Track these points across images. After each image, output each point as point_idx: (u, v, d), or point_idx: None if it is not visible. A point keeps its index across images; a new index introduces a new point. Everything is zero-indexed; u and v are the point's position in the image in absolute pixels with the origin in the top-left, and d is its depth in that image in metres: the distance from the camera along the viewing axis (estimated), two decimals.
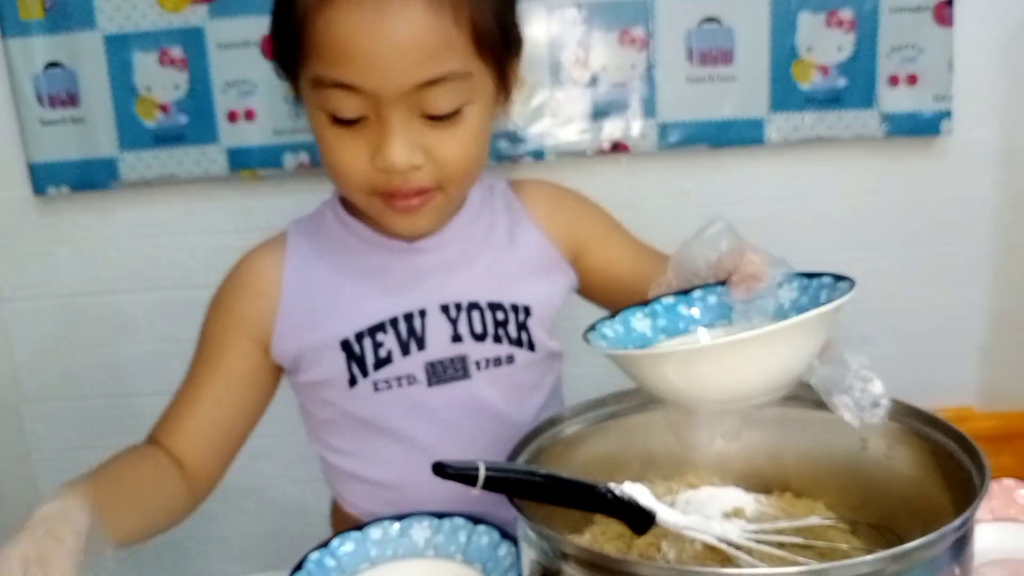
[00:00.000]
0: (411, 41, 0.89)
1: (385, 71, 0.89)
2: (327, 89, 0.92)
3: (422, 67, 0.90)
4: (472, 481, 0.68)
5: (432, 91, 0.91)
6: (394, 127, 0.92)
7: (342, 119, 0.93)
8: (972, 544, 0.69)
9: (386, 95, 0.90)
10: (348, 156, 0.95)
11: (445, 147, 0.95)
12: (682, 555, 0.77)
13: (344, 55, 0.90)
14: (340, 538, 0.96)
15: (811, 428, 0.90)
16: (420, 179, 0.96)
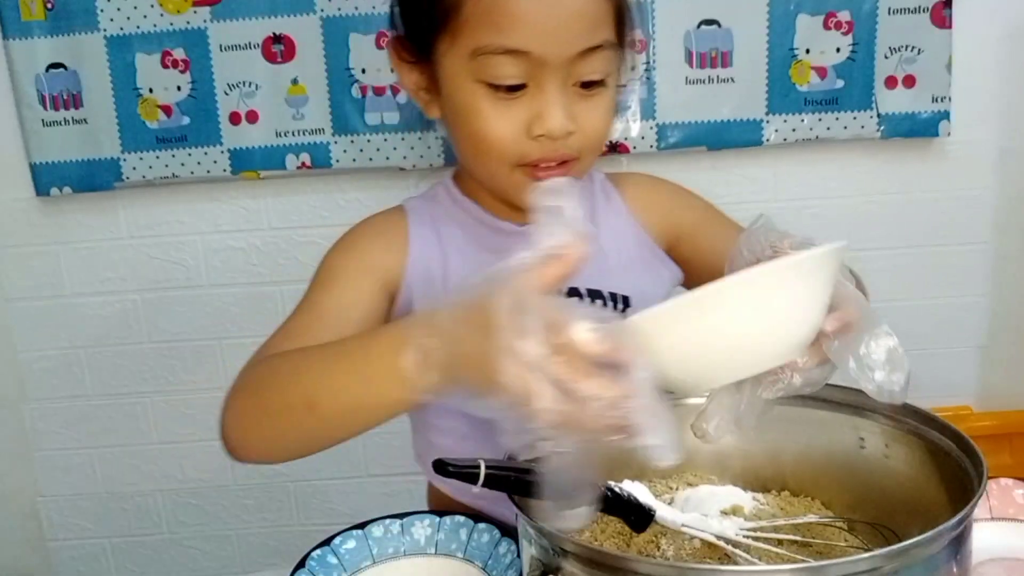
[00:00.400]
0: (579, 9, 0.94)
1: (556, 37, 0.93)
2: (492, 57, 0.94)
3: (586, 35, 0.95)
4: (473, 479, 0.69)
5: (589, 59, 0.96)
6: (554, 94, 0.96)
7: (502, 87, 0.96)
8: (970, 543, 0.69)
9: (552, 61, 0.94)
10: (502, 125, 0.97)
11: (590, 115, 0.99)
12: (680, 552, 0.78)
13: (518, 21, 0.93)
14: (342, 536, 0.97)
15: (809, 427, 0.90)
16: (568, 147, 0.99)
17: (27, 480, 2.22)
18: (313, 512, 2.24)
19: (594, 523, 0.88)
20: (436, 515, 0.99)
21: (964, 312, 2.10)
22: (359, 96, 1.93)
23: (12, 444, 2.19)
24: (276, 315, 2.10)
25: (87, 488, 2.22)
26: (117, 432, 2.18)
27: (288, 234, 2.06)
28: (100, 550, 2.27)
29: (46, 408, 2.17)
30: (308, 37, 1.90)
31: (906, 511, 0.82)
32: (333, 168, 1.97)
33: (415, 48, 1.04)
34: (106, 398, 2.16)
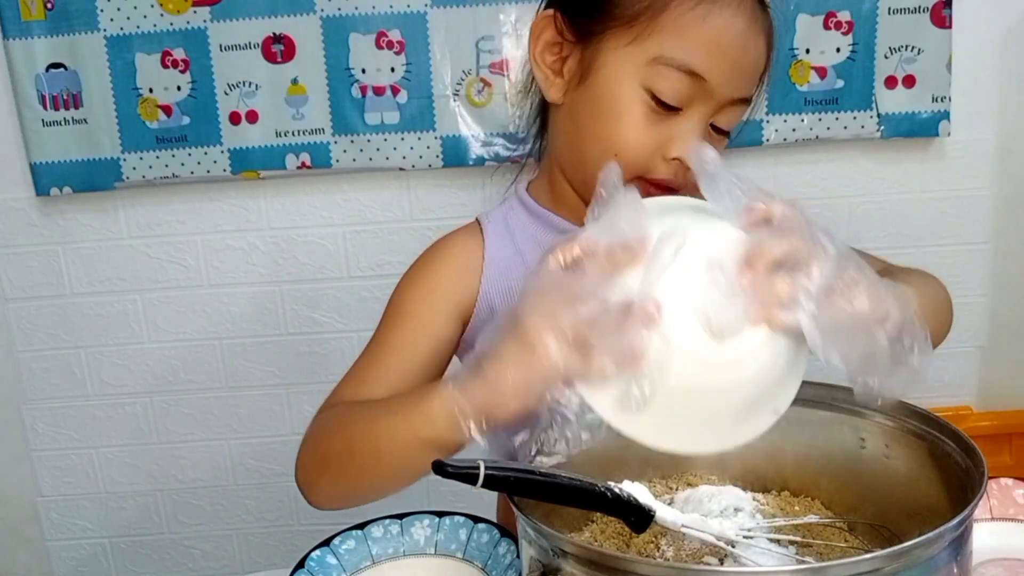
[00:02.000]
0: (755, 59, 0.98)
1: (732, 75, 0.96)
2: (671, 71, 0.95)
3: (749, 84, 0.99)
4: (472, 480, 0.68)
5: (736, 107, 0.99)
6: (698, 128, 0.97)
7: (664, 102, 0.96)
8: (970, 543, 0.69)
9: (717, 97, 0.96)
10: (646, 136, 0.98)
11: None
12: (680, 553, 0.78)
13: (712, 47, 0.94)
14: (341, 536, 0.97)
15: (809, 427, 0.90)
16: (682, 178, 0.99)
17: (27, 480, 2.22)
18: (313, 512, 2.23)
19: (593, 523, 0.88)
20: (435, 515, 0.99)
21: (964, 312, 2.09)
22: (359, 96, 1.93)
23: (12, 444, 2.19)
24: (276, 315, 2.12)
25: (87, 488, 2.22)
26: (117, 432, 2.18)
27: (288, 234, 2.06)
28: (100, 550, 2.27)
29: (46, 408, 2.17)
30: (308, 37, 1.90)
31: (906, 511, 0.82)
32: (333, 168, 1.97)
33: (572, 28, 1.03)
34: (106, 398, 2.16)
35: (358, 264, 2.07)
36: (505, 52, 1.91)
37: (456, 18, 1.89)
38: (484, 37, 1.91)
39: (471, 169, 1.98)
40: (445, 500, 2.08)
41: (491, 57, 1.92)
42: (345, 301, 2.09)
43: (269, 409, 2.15)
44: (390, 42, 1.91)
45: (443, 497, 2.10)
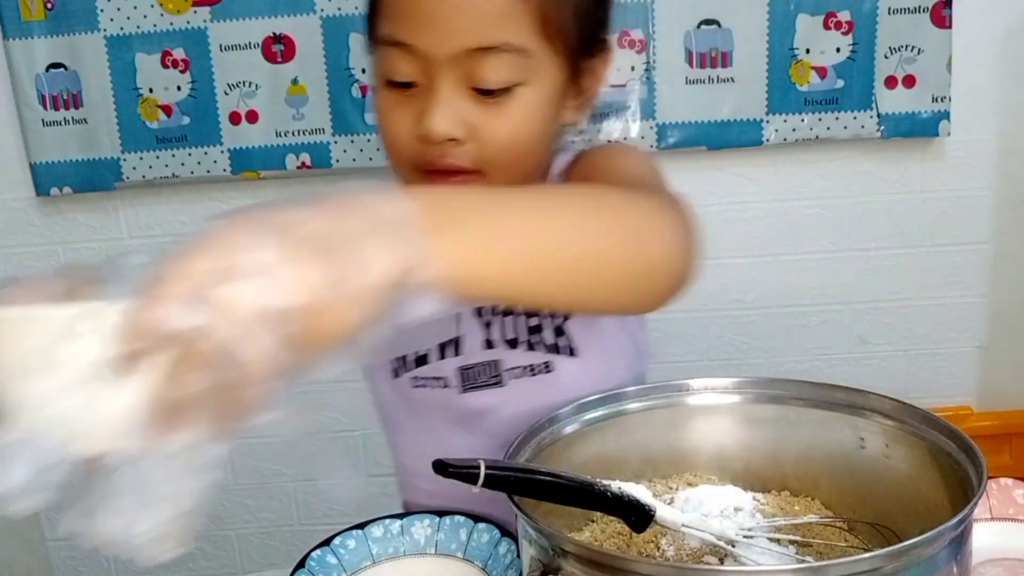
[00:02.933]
0: (469, 4, 0.87)
1: (439, 31, 0.87)
2: (386, 50, 0.90)
3: (476, 32, 0.87)
4: (473, 479, 0.68)
5: (484, 60, 0.87)
6: (439, 94, 0.88)
7: (396, 82, 0.91)
8: (970, 543, 0.69)
9: (437, 57, 0.87)
10: (395, 122, 0.92)
11: (491, 126, 0.90)
12: (681, 552, 0.78)
13: (402, 11, 0.88)
14: (342, 536, 0.97)
15: (809, 427, 0.90)
16: (459, 156, 0.91)
17: None
18: (313, 512, 2.24)
19: (594, 523, 0.88)
20: (436, 515, 0.99)
21: (964, 312, 2.10)
22: (359, 96, 1.93)
23: None
24: None
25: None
26: None
27: None
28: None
29: None
30: (308, 37, 1.90)
31: (906, 511, 0.82)
32: (333, 168, 1.97)
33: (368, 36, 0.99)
34: None
35: None
36: None
37: None
38: None
39: None
40: None
41: None
42: None
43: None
44: None
45: None
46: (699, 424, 0.93)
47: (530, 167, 0.97)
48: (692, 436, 0.93)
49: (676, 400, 0.92)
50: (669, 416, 0.93)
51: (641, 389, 0.92)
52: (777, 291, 2.07)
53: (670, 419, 0.93)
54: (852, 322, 2.10)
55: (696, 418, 0.93)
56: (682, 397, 0.93)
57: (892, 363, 2.12)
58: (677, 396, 0.92)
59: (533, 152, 0.95)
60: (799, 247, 2.05)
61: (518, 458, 0.82)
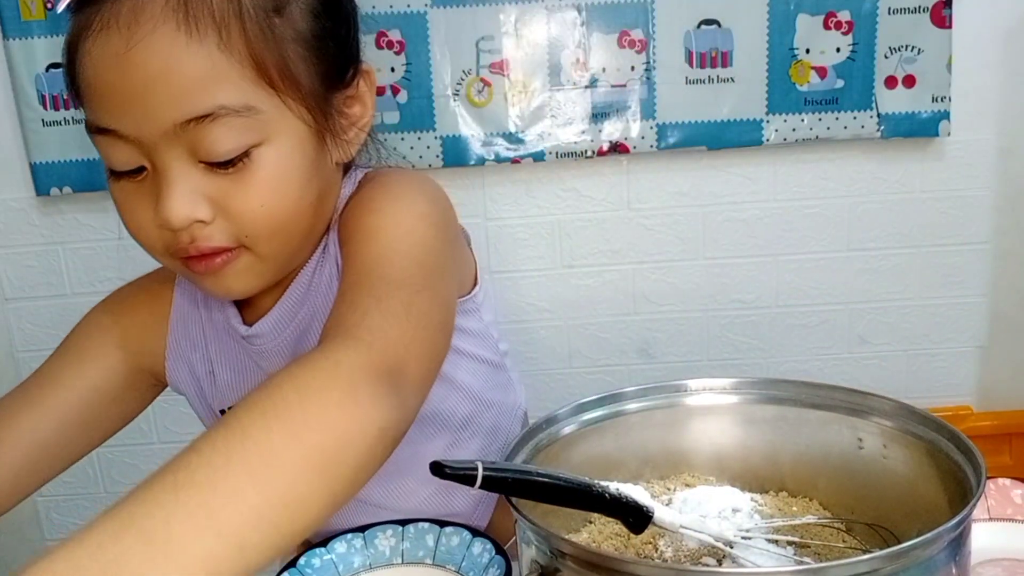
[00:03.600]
0: (164, 72, 0.75)
1: (139, 109, 0.77)
2: (97, 138, 0.80)
3: (181, 102, 0.76)
4: (471, 481, 0.68)
5: (203, 131, 0.77)
6: (168, 176, 0.79)
7: (119, 171, 0.81)
8: (969, 543, 0.69)
9: (147, 138, 0.77)
10: (134, 212, 0.82)
11: (236, 199, 0.80)
12: (679, 554, 0.78)
13: (98, 95, 0.78)
14: (306, 555, 0.95)
15: (807, 427, 0.90)
16: (211, 237, 0.81)
17: None
18: None
19: (591, 524, 0.88)
20: (399, 524, 0.98)
21: (964, 312, 2.10)
22: None
23: None
24: None
25: (87, 488, 2.23)
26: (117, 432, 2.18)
27: None
28: None
29: None
30: None
31: (904, 512, 0.82)
32: None
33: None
34: None
35: None
36: (505, 52, 1.91)
37: (456, 18, 1.89)
38: (484, 37, 1.91)
39: (471, 169, 1.98)
40: None
41: (491, 57, 1.92)
42: None
43: None
44: (390, 42, 1.91)
45: None
46: (697, 425, 0.93)
47: (305, 227, 0.87)
48: (690, 437, 0.93)
49: (674, 401, 0.92)
50: (667, 417, 0.93)
51: (640, 389, 0.92)
52: (777, 291, 2.07)
53: (668, 420, 0.93)
54: (852, 322, 2.10)
55: (694, 419, 0.93)
56: (680, 398, 0.93)
57: (892, 363, 2.12)
58: (675, 397, 0.92)
59: (301, 212, 0.85)
60: (799, 247, 2.05)
61: (516, 459, 0.82)
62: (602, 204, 2.03)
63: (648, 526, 0.75)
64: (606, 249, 2.05)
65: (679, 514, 0.78)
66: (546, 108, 1.94)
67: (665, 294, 2.06)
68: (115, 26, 0.75)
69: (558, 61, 1.92)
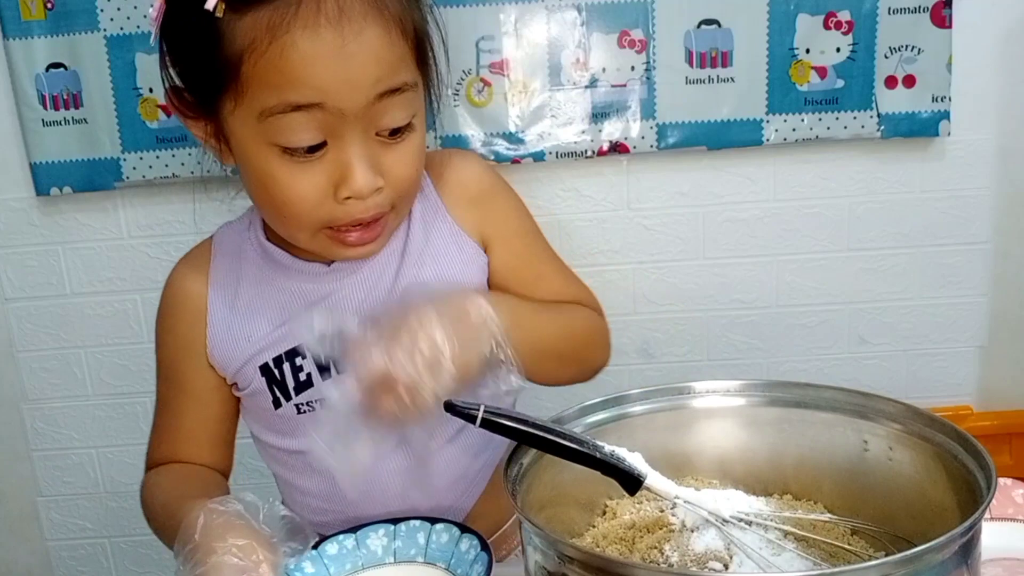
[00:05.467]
0: (372, 57, 0.89)
1: (349, 84, 0.88)
2: (282, 118, 0.89)
3: (383, 78, 0.90)
4: (472, 419, 0.76)
5: (389, 104, 0.91)
6: (357, 149, 0.91)
7: (298, 149, 0.90)
8: (979, 547, 0.69)
9: (349, 110, 0.89)
10: (304, 190, 0.92)
11: (398, 165, 0.95)
12: (684, 558, 0.78)
13: (306, 73, 0.87)
14: (297, 560, 0.95)
15: (811, 430, 0.90)
16: (379, 203, 0.94)
17: (27, 480, 2.22)
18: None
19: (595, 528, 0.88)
20: (391, 523, 0.98)
21: (964, 312, 2.10)
22: None
23: (12, 444, 2.19)
24: None
25: (87, 488, 2.22)
26: (117, 432, 2.18)
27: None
28: (100, 550, 2.27)
29: (45, 408, 2.17)
30: None
31: (911, 514, 0.82)
32: None
33: (196, 101, 0.98)
34: (106, 398, 2.16)
35: None
36: (505, 52, 1.91)
37: (456, 18, 1.89)
38: (484, 37, 1.91)
39: None
40: None
41: (491, 57, 1.91)
42: None
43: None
44: None
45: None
46: (701, 427, 0.94)
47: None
48: (694, 439, 0.94)
49: (678, 403, 0.93)
50: (671, 419, 0.93)
51: (644, 392, 0.93)
52: (777, 291, 2.07)
53: (672, 422, 0.93)
54: (852, 322, 2.10)
55: (698, 421, 0.94)
56: (684, 400, 0.93)
57: (892, 363, 2.12)
58: (679, 399, 0.93)
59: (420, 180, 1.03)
60: (799, 247, 2.05)
61: (520, 459, 0.83)
62: (602, 204, 2.03)
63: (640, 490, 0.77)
64: (606, 249, 2.05)
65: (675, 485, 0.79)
66: (546, 108, 1.94)
67: (665, 294, 2.06)
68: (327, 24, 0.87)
69: (558, 61, 1.92)
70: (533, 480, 0.82)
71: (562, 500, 0.86)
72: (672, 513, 0.85)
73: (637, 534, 0.84)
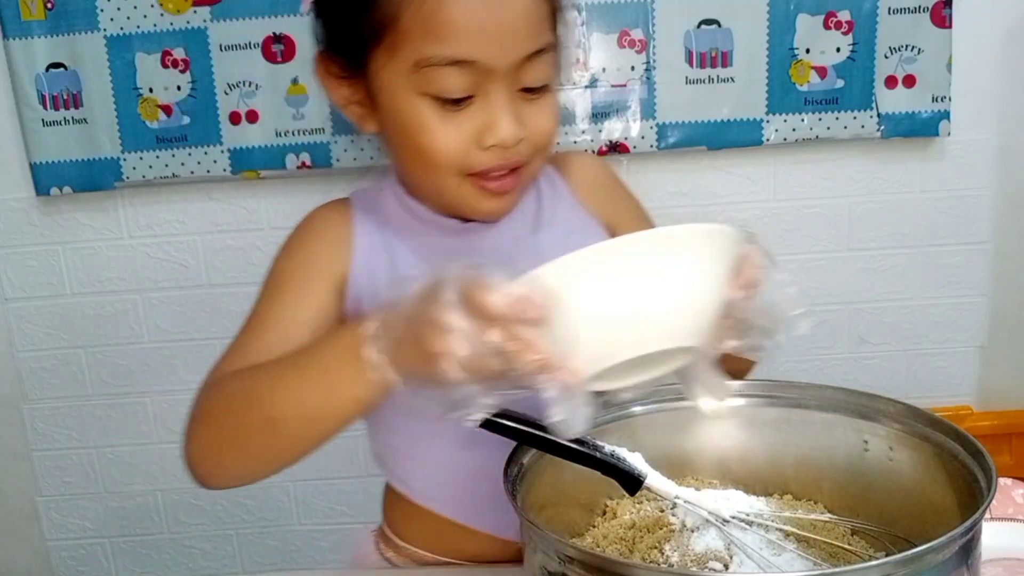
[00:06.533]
0: (524, 14, 0.93)
1: (501, 44, 0.92)
2: (437, 69, 0.93)
3: (530, 39, 0.94)
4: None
5: (534, 63, 0.95)
6: (504, 102, 0.95)
7: (449, 99, 0.94)
8: (980, 547, 0.69)
9: (499, 68, 0.93)
10: (451, 138, 0.96)
11: (537, 119, 0.98)
12: (685, 559, 0.78)
13: (462, 30, 0.91)
14: None
15: (811, 429, 0.90)
16: (519, 153, 0.98)
17: (26, 480, 2.22)
18: (313, 512, 2.24)
19: (595, 528, 0.88)
20: None
21: (964, 312, 2.10)
22: None
23: (11, 444, 2.19)
24: None
25: (87, 488, 2.23)
26: (117, 432, 2.18)
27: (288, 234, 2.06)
28: (100, 550, 2.27)
29: (45, 408, 2.17)
30: (308, 37, 1.89)
31: (911, 515, 0.82)
32: (333, 168, 1.97)
33: (345, 62, 1.02)
34: (106, 398, 2.16)
35: None
36: None
37: None
38: None
39: None
40: None
41: None
42: None
43: None
44: None
45: None
46: (701, 427, 0.94)
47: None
48: (694, 440, 0.94)
49: (679, 403, 0.92)
50: (671, 419, 0.93)
51: (644, 392, 0.92)
52: None
53: (673, 423, 0.93)
54: (852, 322, 2.10)
55: (698, 421, 0.93)
56: (685, 400, 0.93)
57: (892, 363, 2.12)
58: (680, 399, 0.92)
59: (556, 136, 1.04)
60: (799, 247, 2.05)
61: (520, 459, 0.83)
62: None
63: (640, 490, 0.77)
64: None
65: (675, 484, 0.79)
66: None
67: None
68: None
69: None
70: (533, 480, 0.82)
71: (562, 500, 0.86)
72: (672, 513, 0.85)
73: (637, 534, 0.84)
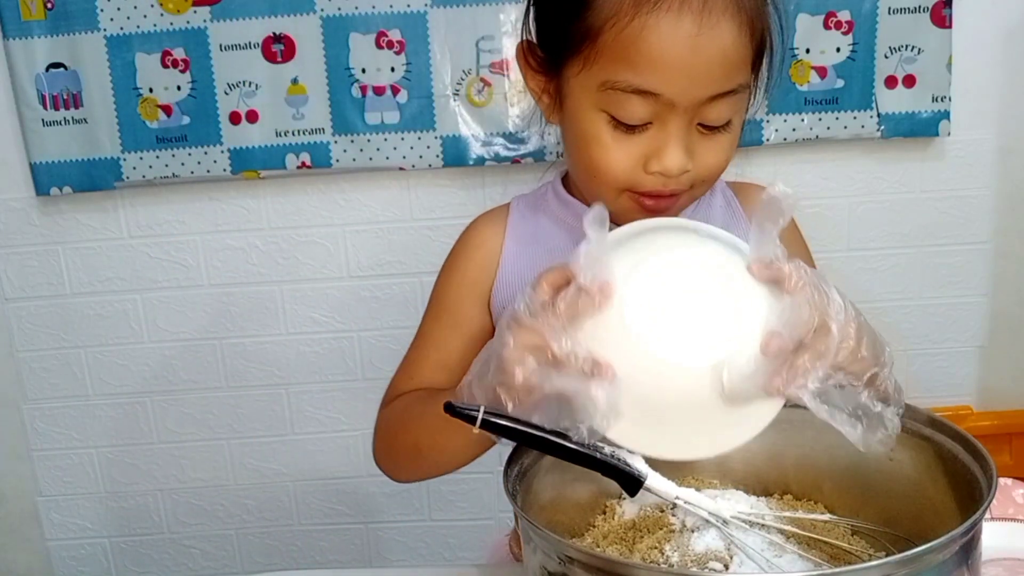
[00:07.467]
0: (720, 56, 0.91)
1: (690, 82, 0.91)
2: (621, 94, 0.93)
3: (722, 80, 0.92)
4: (472, 421, 0.74)
5: (718, 103, 0.94)
6: (678, 135, 0.94)
7: (624, 123, 0.94)
8: (980, 547, 0.69)
9: (682, 104, 0.92)
10: (619, 157, 0.96)
11: (709, 154, 0.97)
12: (685, 559, 0.78)
13: (654, 63, 0.91)
14: None
15: (812, 429, 0.90)
16: (680, 183, 0.97)
17: (27, 480, 2.22)
18: (313, 512, 2.24)
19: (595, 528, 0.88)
20: None
21: (964, 312, 2.10)
22: (359, 96, 1.93)
23: (12, 444, 2.19)
24: (276, 315, 2.12)
25: (87, 488, 2.23)
26: (117, 432, 2.18)
27: (288, 234, 2.06)
28: (100, 550, 2.27)
29: (45, 408, 2.17)
30: (308, 37, 1.90)
31: (911, 514, 0.82)
32: (333, 168, 1.97)
33: (544, 58, 1.03)
34: (106, 398, 2.16)
35: (358, 264, 2.07)
36: (505, 52, 1.91)
37: (456, 18, 1.89)
38: (484, 37, 1.91)
39: (471, 169, 1.98)
40: (445, 500, 2.08)
41: (491, 57, 1.91)
42: (345, 301, 2.09)
43: (269, 409, 2.15)
44: (390, 42, 1.91)
45: (443, 497, 2.11)
46: None
47: None
48: None
49: None
50: None
51: None
52: None
53: None
54: None
55: None
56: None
57: None
58: None
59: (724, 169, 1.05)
60: None
61: (521, 459, 0.83)
62: None
63: (640, 490, 0.76)
64: None
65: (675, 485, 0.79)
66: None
67: None
68: (688, 10, 0.89)
69: None
70: (533, 481, 0.82)
71: (563, 500, 0.86)
72: (672, 513, 0.85)
73: (637, 534, 0.84)
